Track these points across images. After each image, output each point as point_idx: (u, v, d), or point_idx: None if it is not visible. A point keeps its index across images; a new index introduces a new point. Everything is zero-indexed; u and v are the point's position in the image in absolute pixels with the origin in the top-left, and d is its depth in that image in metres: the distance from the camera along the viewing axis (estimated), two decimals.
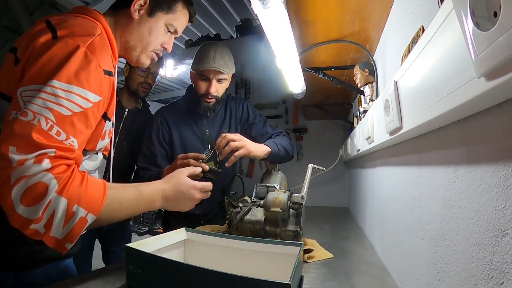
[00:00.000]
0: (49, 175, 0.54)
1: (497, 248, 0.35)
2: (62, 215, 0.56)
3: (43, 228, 0.55)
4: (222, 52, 1.26)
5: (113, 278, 0.74)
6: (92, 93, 0.63)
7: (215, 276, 0.53)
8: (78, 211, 0.57)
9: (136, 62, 0.83)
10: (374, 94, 1.16)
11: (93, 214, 0.59)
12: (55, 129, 0.57)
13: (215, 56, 1.23)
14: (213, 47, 1.25)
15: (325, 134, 2.41)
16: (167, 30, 0.82)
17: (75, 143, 0.60)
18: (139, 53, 0.81)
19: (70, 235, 0.57)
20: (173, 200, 0.80)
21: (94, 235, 1.56)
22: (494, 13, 0.29)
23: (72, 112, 0.60)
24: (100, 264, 1.46)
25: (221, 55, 1.25)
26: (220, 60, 1.24)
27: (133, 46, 0.79)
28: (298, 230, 0.93)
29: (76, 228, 0.58)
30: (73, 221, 0.57)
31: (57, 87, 0.58)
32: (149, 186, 0.77)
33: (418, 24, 0.70)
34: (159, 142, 1.32)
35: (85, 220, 0.58)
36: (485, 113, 0.39)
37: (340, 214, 1.91)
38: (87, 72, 0.62)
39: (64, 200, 0.56)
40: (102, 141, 0.76)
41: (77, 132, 0.61)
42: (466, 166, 0.44)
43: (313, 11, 0.99)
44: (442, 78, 0.42)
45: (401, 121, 0.63)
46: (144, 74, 1.47)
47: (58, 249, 0.58)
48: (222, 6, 3.39)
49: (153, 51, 0.83)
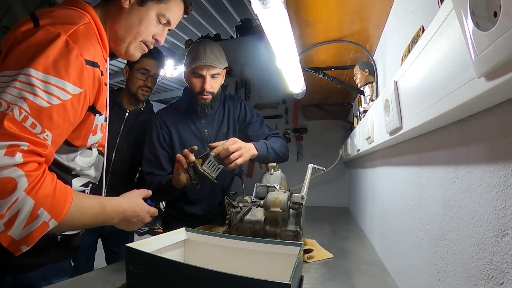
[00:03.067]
0: (19, 172, 0.52)
1: (497, 248, 0.35)
2: (26, 216, 0.53)
3: (3, 226, 0.52)
4: (212, 48, 1.26)
5: (113, 278, 0.74)
6: (71, 84, 0.60)
7: (215, 276, 0.53)
8: (42, 215, 0.55)
9: (125, 54, 0.79)
10: (374, 94, 1.16)
11: (55, 220, 0.57)
12: (29, 121, 0.54)
13: (205, 52, 1.23)
14: (202, 44, 1.26)
15: (325, 134, 2.41)
16: (159, 21, 0.78)
17: (49, 138, 0.58)
18: (128, 44, 0.77)
19: (29, 238, 0.55)
20: (129, 221, 0.78)
21: (96, 236, 1.57)
22: (494, 13, 0.29)
23: (51, 104, 0.57)
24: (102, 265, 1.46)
25: (211, 50, 1.25)
26: (211, 55, 1.24)
27: (122, 37, 0.76)
28: (298, 230, 0.92)
29: (37, 232, 0.55)
30: (34, 224, 0.55)
31: (33, 75, 0.55)
32: (111, 202, 0.74)
33: (418, 24, 0.70)
34: (161, 144, 1.32)
35: (47, 225, 0.56)
36: (485, 113, 0.39)
37: (340, 214, 1.91)
38: (67, 61, 0.59)
39: (31, 201, 0.53)
40: (93, 136, 0.73)
41: (53, 126, 0.58)
42: (466, 166, 0.44)
43: (313, 11, 0.99)
44: (442, 78, 0.43)
45: (401, 121, 0.63)
46: (143, 77, 1.43)
47: (12, 249, 0.55)
48: (222, 6, 3.40)
49: (143, 42, 0.79)
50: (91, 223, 0.68)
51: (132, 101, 1.50)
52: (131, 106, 1.51)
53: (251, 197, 1.04)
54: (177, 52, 4.27)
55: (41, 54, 0.56)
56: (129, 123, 1.49)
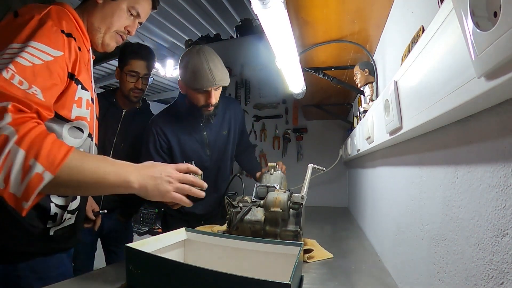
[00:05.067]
0: (10, 128, 0.54)
1: (497, 248, 0.35)
2: (19, 168, 0.54)
3: (3, 183, 0.53)
4: (215, 62, 1.18)
5: (113, 278, 0.74)
6: (51, 47, 0.65)
7: (215, 276, 0.53)
8: (35, 166, 0.55)
9: (101, 44, 0.86)
10: (374, 94, 1.16)
11: (50, 173, 0.56)
12: (16, 78, 0.58)
13: (211, 69, 1.16)
14: (203, 59, 1.16)
15: (325, 134, 2.41)
16: (129, 14, 0.86)
17: (38, 93, 0.61)
18: (103, 34, 0.85)
19: (26, 192, 0.55)
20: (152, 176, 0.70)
21: (96, 235, 1.57)
22: (494, 13, 0.29)
23: (32, 63, 0.61)
24: (102, 265, 1.47)
25: (215, 66, 1.18)
26: (218, 72, 1.18)
27: (97, 27, 0.83)
28: (298, 230, 0.92)
29: (32, 184, 0.55)
30: (29, 176, 0.54)
31: (15, 47, 0.61)
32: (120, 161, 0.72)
33: (418, 24, 0.70)
34: (158, 152, 1.29)
35: (41, 177, 0.55)
36: (485, 113, 0.39)
37: (340, 214, 1.91)
38: (43, 29, 0.65)
39: (22, 151, 0.54)
40: (78, 108, 0.74)
41: (39, 83, 0.61)
42: (466, 166, 0.44)
43: (313, 11, 0.99)
44: (442, 78, 0.43)
45: (401, 121, 0.63)
46: (133, 79, 1.42)
47: (17, 208, 0.56)
48: (222, 6, 3.40)
49: (116, 32, 0.86)
50: (100, 182, 0.63)
51: (127, 102, 1.50)
52: (127, 105, 1.52)
53: (251, 197, 1.04)
54: (177, 52, 4.27)
55: (20, 31, 0.63)
56: (126, 122, 1.50)
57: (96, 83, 6.43)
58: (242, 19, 2.96)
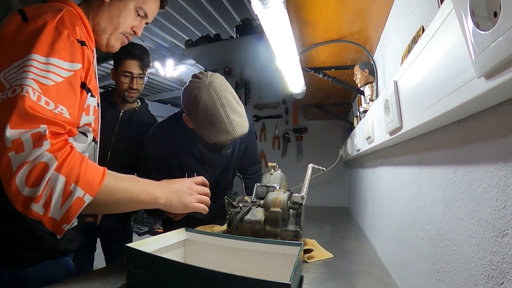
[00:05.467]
0: (48, 155, 0.55)
1: (497, 248, 0.35)
2: (60, 193, 0.56)
3: (43, 208, 0.55)
4: (232, 105, 0.98)
5: (113, 278, 0.74)
6: (70, 62, 0.64)
7: (215, 276, 0.53)
8: (76, 190, 0.57)
9: (106, 45, 0.83)
10: (374, 94, 1.16)
11: (90, 195, 0.59)
12: (43, 100, 0.58)
13: (228, 116, 0.96)
14: (218, 102, 0.96)
15: (325, 134, 2.41)
16: (137, 14, 0.83)
17: (65, 111, 0.61)
18: (109, 35, 0.82)
19: (67, 215, 0.57)
20: (175, 191, 0.78)
21: (95, 235, 1.57)
22: (494, 13, 0.29)
23: (55, 82, 0.60)
24: (102, 265, 1.47)
25: (233, 110, 0.98)
26: (237, 119, 0.99)
27: (104, 28, 0.81)
28: (298, 230, 0.92)
29: (73, 208, 0.57)
30: (70, 201, 0.57)
31: (37, 60, 0.59)
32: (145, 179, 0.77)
33: (418, 24, 0.70)
34: (158, 171, 1.21)
35: (82, 200, 0.58)
36: (485, 113, 0.39)
37: (340, 214, 1.91)
38: (62, 42, 0.63)
39: (62, 178, 0.56)
40: (86, 116, 0.75)
41: (63, 100, 0.61)
42: (466, 166, 0.44)
43: (313, 11, 0.99)
44: (442, 78, 0.43)
45: (401, 121, 0.63)
46: (127, 80, 1.41)
47: (56, 231, 0.58)
48: (222, 6, 3.40)
49: (122, 34, 0.84)
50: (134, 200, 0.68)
51: (124, 102, 1.50)
52: (125, 105, 1.51)
53: (251, 197, 1.04)
54: (177, 52, 4.27)
55: (37, 41, 0.61)
56: (124, 123, 1.49)
57: None
58: (242, 19, 2.95)
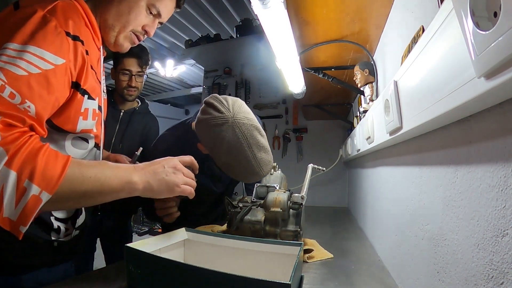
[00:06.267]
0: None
1: (497, 248, 0.35)
2: (13, 191, 0.49)
3: None
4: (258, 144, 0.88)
5: (113, 278, 0.74)
6: (52, 53, 0.57)
7: (215, 276, 0.53)
8: (30, 188, 0.50)
9: (114, 44, 0.77)
10: (374, 94, 1.16)
11: (47, 193, 0.52)
12: (7, 91, 0.51)
13: (256, 157, 0.88)
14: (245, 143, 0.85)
15: (325, 134, 2.41)
16: (149, 12, 0.76)
17: (32, 110, 0.54)
18: (117, 33, 0.76)
19: (23, 216, 0.50)
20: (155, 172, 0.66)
21: (94, 235, 1.57)
22: (494, 13, 0.29)
23: (28, 72, 0.53)
24: (102, 265, 1.47)
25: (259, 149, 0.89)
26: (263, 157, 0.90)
27: (111, 25, 0.74)
28: (298, 230, 0.92)
29: (29, 208, 0.50)
30: (25, 199, 0.50)
31: (11, 48, 0.53)
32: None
33: (418, 24, 0.70)
34: None
35: (39, 199, 0.51)
36: (485, 113, 0.39)
37: (340, 214, 1.91)
38: (44, 31, 0.56)
39: (13, 173, 0.49)
40: (84, 121, 0.68)
41: (35, 96, 0.54)
42: (466, 166, 0.44)
43: (313, 11, 0.99)
44: (442, 78, 0.43)
45: (401, 121, 0.63)
46: (125, 78, 1.42)
47: (14, 232, 0.51)
48: (222, 6, 3.39)
49: (132, 32, 0.77)
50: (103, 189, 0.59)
51: (125, 102, 1.50)
52: (125, 105, 1.52)
53: (251, 197, 1.04)
54: (177, 52, 4.27)
55: (18, 29, 0.55)
56: (124, 123, 1.50)
57: None
58: (242, 19, 2.96)
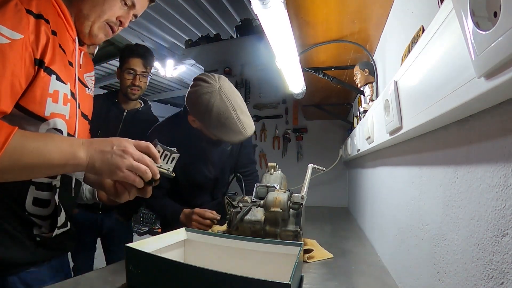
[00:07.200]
0: None
1: (497, 248, 0.35)
2: None
3: None
4: (241, 107, 1.08)
5: (113, 278, 0.74)
6: (8, 28, 0.56)
7: (215, 276, 0.53)
8: None
9: (89, 34, 0.77)
10: (374, 94, 1.16)
11: None
12: None
13: (239, 119, 1.06)
14: (229, 106, 1.05)
15: (325, 134, 2.41)
16: (124, 3, 0.78)
17: None
18: (91, 23, 0.76)
19: None
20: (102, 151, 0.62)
21: (95, 235, 1.57)
22: (494, 13, 0.29)
23: None
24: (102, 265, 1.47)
25: (242, 112, 1.08)
26: (246, 120, 1.08)
27: (86, 15, 0.75)
28: (298, 230, 0.92)
29: None
30: None
31: None
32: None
33: (418, 24, 0.70)
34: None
35: None
36: (485, 113, 0.39)
37: (340, 214, 1.91)
38: (4, 8, 0.57)
39: None
40: (54, 103, 0.67)
41: None
42: (466, 166, 0.44)
43: (313, 11, 0.99)
44: (442, 78, 0.43)
45: (401, 121, 0.63)
46: (130, 76, 1.46)
47: None
48: (222, 6, 3.39)
49: (107, 22, 0.77)
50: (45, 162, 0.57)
51: (128, 101, 1.54)
52: (128, 105, 1.55)
53: (251, 197, 1.04)
54: (177, 52, 4.27)
55: None
56: (127, 123, 1.52)
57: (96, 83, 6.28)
58: (242, 19, 2.96)
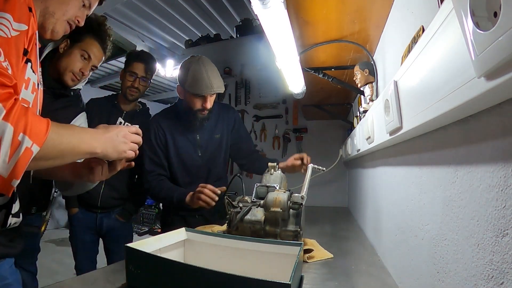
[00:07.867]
0: None
1: (497, 248, 0.35)
2: (8, 144, 0.52)
3: None
4: (213, 71, 1.31)
5: (113, 278, 0.74)
6: (16, 22, 0.62)
7: (215, 276, 0.53)
8: (24, 140, 0.54)
9: (52, 30, 0.82)
10: (374, 94, 1.16)
11: (37, 145, 0.56)
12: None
13: (209, 77, 1.28)
14: (203, 68, 1.29)
15: (325, 134, 2.41)
16: (82, 4, 0.86)
17: (9, 69, 0.57)
18: (56, 20, 0.82)
19: (16, 169, 0.54)
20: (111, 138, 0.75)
21: (95, 235, 1.57)
22: (494, 13, 0.29)
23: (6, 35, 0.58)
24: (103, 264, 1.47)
25: (213, 74, 1.30)
26: (215, 80, 1.29)
27: (52, 12, 0.81)
28: (298, 230, 0.92)
29: (22, 160, 0.54)
30: (18, 152, 0.54)
31: None
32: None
33: (418, 24, 0.70)
34: (158, 144, 1.43)
35: (30, 151, 0.55)
36: (485, 113, 0.39)
37: (340, 214, 1.91)
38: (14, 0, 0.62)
39: (10, 127, 0.53)
40: (25, 90, 0.71)
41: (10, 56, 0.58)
42: (466, 166, 0.44)
43: (313, 11, 0.99)
44: (442, 78, 0.43)
45: (401, 121, 0.63)
46: (131, 78, 1.55)
47: (5, 191, 0.55)
48: (222, 6, 3.40)
49: (67, 21, 0.84)
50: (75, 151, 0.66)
51: (126, 102, 1.60)
52: (127, 106, 1.62)
53: (251, 197, 1.04)
54: (177, 52, 4.27)
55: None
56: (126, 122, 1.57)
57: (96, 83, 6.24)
58: (242, 19, 2.96)
